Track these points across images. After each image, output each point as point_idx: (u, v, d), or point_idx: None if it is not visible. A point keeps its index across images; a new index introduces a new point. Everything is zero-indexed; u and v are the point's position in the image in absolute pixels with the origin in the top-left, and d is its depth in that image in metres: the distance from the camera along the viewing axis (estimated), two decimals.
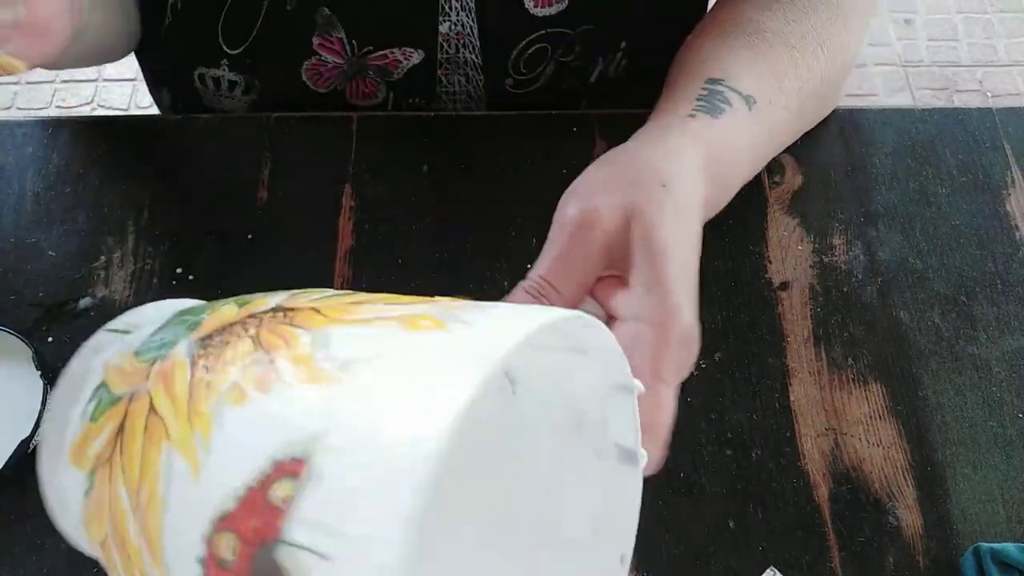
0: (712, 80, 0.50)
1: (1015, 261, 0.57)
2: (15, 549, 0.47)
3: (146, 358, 0.31)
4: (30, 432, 0.48)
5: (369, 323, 0.28)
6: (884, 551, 0.48)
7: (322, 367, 0.26)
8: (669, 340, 0.38)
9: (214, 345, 0.29)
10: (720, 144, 0.47)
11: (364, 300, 0.31)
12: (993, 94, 1.78)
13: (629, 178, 0.42)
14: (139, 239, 0.56)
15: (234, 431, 0.27)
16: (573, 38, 0.64)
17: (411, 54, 0.63)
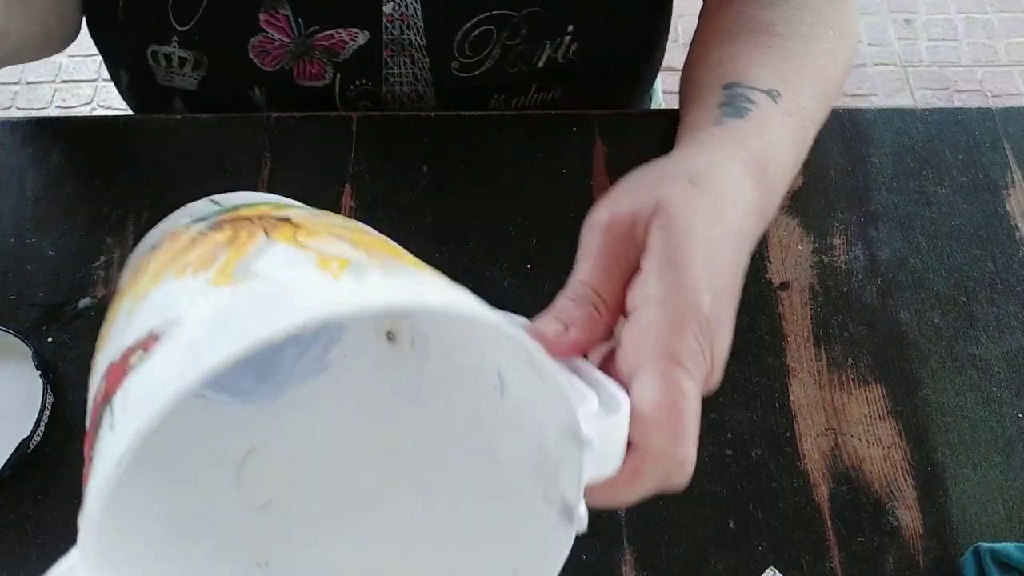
0: (728, 85, 0.49)
1: (1015, 261, 0.57)
2: (15, 549, 0.47)
3: (184, 223, 0.34)
4: (30, 432, 0.48)
5: (301, 247, 0.29)
6: (884, 551, 0.48)
7: (232, 270, 0.28)
8: (684, 322, 0.33)
9: (213, 228, 0.32)
10: (756, 142, 0.45)
11: (340, 231, 0.31)
12: (993, 94, 1.78)
13: (656, 178, 0.40)
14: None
15: (157, 297, 0.29)
16: (518, 20, 0.63)
17: (356, 35, 0.63)
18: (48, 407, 0.49)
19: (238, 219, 0.32)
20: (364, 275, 0.27)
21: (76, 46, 0.67)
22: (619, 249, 0.37)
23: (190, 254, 0.30)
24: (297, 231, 0.30)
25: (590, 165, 0.59)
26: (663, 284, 0.35)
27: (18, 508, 0.48)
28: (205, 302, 0.26)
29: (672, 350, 0.33)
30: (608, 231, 0.38)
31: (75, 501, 0.48)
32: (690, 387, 0.33)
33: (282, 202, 0.35)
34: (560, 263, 0.56)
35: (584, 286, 0.36)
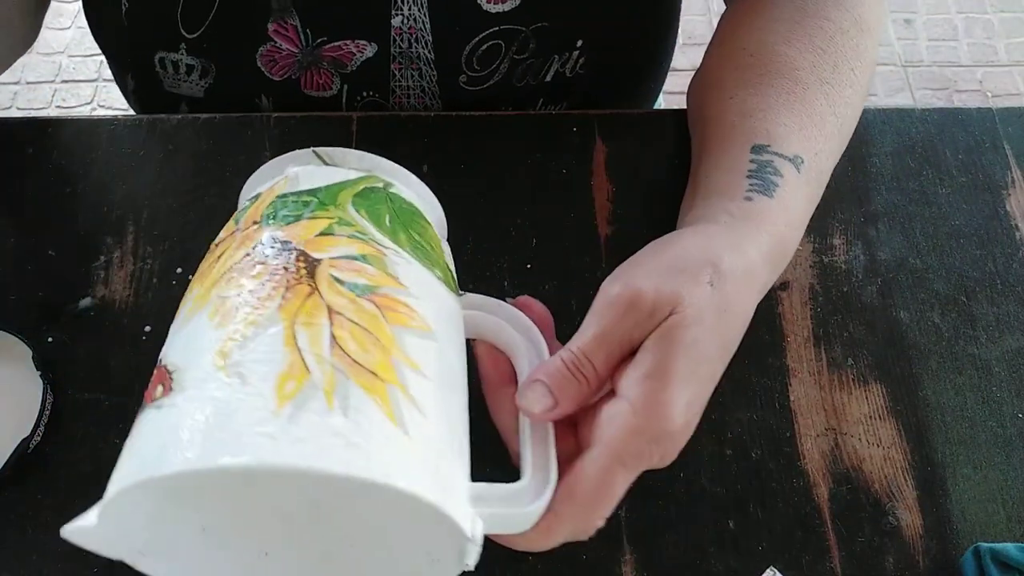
0: (757, 148, 0.49)
1: (1015, 261, 0.57)
2: (15, 549, 0.47)
3: (264, 212, 0.39)
4: (30, 432, 0.48)
5: (292, 344, 0.33)
6: (884, 551, 0.48)
7: (228, 361, 0.33)
8: (644, 430, 0.38)
9: (264, 255, 0.36)
10: (781, 224, 0.46)
11: (353, 315, 0.35)
12: (993, 94, 1.78)
13: (679, 267, 0.42)
14: (139, 239, 0.56)
15: (196, 326, 0.35)
16: (527, 35, 0.63)
17: (364, 47, 0.63)
18: (48, 407, 0.49)
19: (285, 247, 0.36)
20: (301, 411, 0.31)
21: (76, 46, 0.67)
22: (627, 331, 0.40)
23: (229, 287, 0.35)
24: (308, 301, 0.34)
25: (590, 165, 0.59)
26: (643, 392, 0.38)
27: (18, 508, 0.48)
28: (200, 385, 0.32)
29: (621, 450, 0.38)
30: (621, 307, 0.40)
31: (75, 501, 0.48)
32: (621, 484, 0.38)
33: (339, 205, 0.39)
34: (560, 263, 0.56)
35: (585, 358, 0.39)
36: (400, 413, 0.32)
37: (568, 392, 0.39)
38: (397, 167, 0.43)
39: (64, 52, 1.82)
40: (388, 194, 0.41)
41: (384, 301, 0.35)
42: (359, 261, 0.36)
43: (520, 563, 0.47)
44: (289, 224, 0.37)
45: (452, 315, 0.39)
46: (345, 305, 0.34)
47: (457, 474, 0.35)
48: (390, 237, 0.38)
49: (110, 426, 0.50)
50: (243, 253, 0.37)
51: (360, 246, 0.37)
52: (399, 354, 0.34)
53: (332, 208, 0.38)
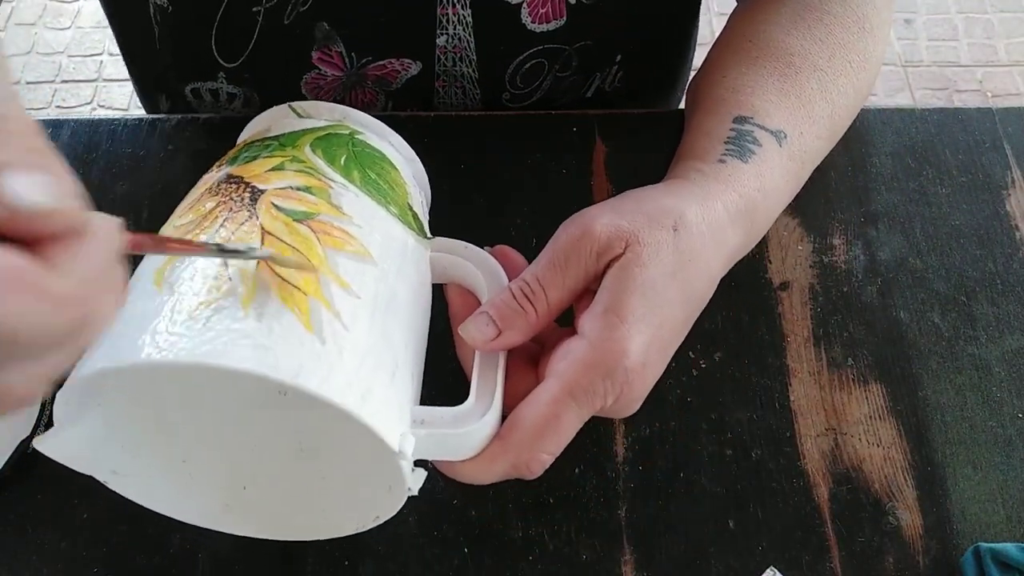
0: (740, 118, 0.49)
1: (1015, 261, 0.57)
2: (15, 549, 0.47)
3: (229, 157, 0.42)
4: (30, 432, 0.48)
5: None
6: (884, 551, 0.48)
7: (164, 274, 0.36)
8: (598, 364, 0.38)
9: (216, 190, 0.39)
10: (753, 188, 0.47)
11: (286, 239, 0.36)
12: (993, 94, 1.78)
13: (642, 210, 0.42)
14: None
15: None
16: (570, 54, 0.64)
17: (409, 65, 0.63)
18: (48, 407, 0.49)
19: (237, 183, 0.39)
20: (216, 318, 0.33)
21: (76, 46, 0.67)
22: (579, 263, 0.40)
23: (183, 216, 0.39)
24: (242, 227, 0.36)
25: (590, 165, 0.59)
26: (598, 327, 0.39)
27: (18, 508, 0.48)
28: (137, 299, 0.35)
29: (573, 384, 0.38)
30: (578, 240, 0.41)
31: (75, 501, 0.48)
32: (570, 418, 0.38)
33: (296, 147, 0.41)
34: None
35: (533, 286, 0.40)
36: (319, 323, 0.34)
37: (514, 322, 0.39)
38: (372, 119, 0.44)
39: (64, 52, 1.82)
40: (352, 139, 0.43)
41: (320, 226, 0.37)
42: (302, 192, 0.38)
43: (520, 562, 0.47)
44: (246, 163, 0.40)
45: (405, 249, 0.40)
46: (279, 228, 0.36)
47: (388, 391, 0.35)
48: (342, 174, 0.40)
49: None
50: (202, 190, 0.40)
51: (306, 179, 0.39)
52: (328, 272, 0.35)
53: (289, 149, 0.41)
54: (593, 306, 0.40)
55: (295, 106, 0.44)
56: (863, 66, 0.54)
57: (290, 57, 0.61)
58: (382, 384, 0.35)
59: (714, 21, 1.71)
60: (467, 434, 0.37)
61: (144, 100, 0.76)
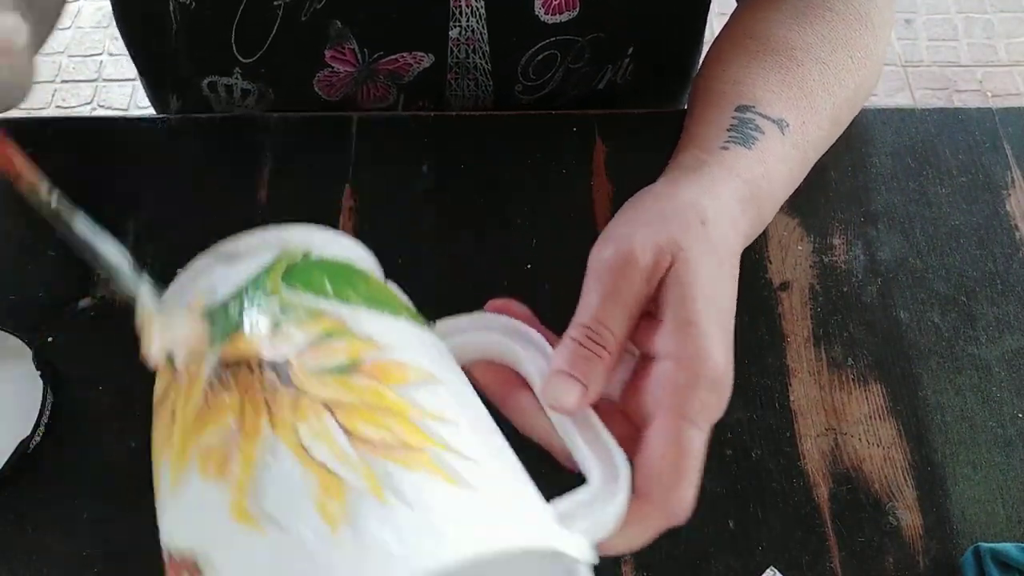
0: (742, 107, 0.49)
1: (1015, 261, 0.57)
2: (15, 549, 0.47)
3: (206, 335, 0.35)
4: (30, 432, 0.48)
5: (304, 458, 0.29)
6: (884, 551, 0.48)
7: (247, 503, 0.29)
8: (698, 380, 0.37)
9: (223, 381, 0.32)
10: (757, 174, 0.46)
11: (351, 400, 0.31)
12: (993, 94, 1.78)
13: (666, 214, 0.41)
14: (139, 239, 0.56)
15: (190, 493, 0.30)
16: (582, 45, 0.64)
17: (421, 58, 0.63)
18: (48, 407, 0.49)
19: (241, 366, 0.32)
20: (359, 528, 0.28)
21: (76, 46, 0.67)
22: (633, 289, 0.39)
23: (206, 430, 0.31)
24: (297, 409, 0.30)
25: (590, 165, 0.59)
26: (681, 342, 0.37)
27: (18, 508, 0.48)
28: (232, 549, 0.28)
29: (685, 408, 0.36)
30: (618, 267, 0.39)
31: (75, 501, 0.48)
32: (698, 443, 0.36)
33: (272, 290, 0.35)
34: (560, 263, 0.56)
35: (598, 328, 0.38)
36: (455, 472, 0.29)
37: (593, 371, 0.37)
38: (307, 228, 0.38)
39: (64, 52, 1.81)
40: (311, 261, 0.37)
41: (373, 369, 0.32)
42: (324, 341, 0.33)
43: None
44: (230, 338, 0.33)
45: (439, 350, 0.37)
46: (338, 391, 0.31)
47: (536, 502, 0.32)
48: (340, 300, 0.35)
49: (110, 426, 0.50)
50: (199, 393, 0.32)
51: (316, 325, 0.33)
52: (418, 414, 0.31)
53: (264, 300, 0.34)
54: (664, 325, 0.38)
55: (222, 252, 0.37)
56: (864, 62, 0.54)
57: (305, 54, 0.62)
58: (530, 498, 0.32)
59: (714, 21, 1.71)
60: (615, 511, 0.34)
61: (154, 98, 0.75)
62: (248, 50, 0.62)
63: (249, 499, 0.28)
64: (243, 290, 0.35)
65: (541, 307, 0.54)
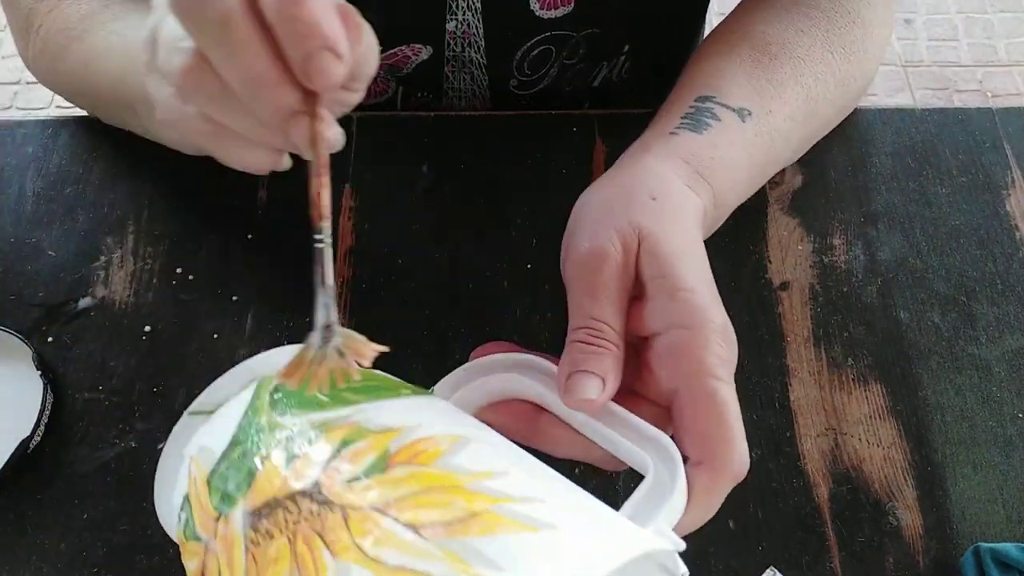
0: (702, 97, 0.50)
1: (1015, 261, 0.57)
2: (15, 549, 0.47)
3: (215, 504, 0.32)
4: (30, 432, 0.48)
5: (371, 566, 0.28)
6: (884, 551, 0.48)
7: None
8: (709, 338, 0.37)
9: (261, 531, 0.30)
10: (704, 156, 0.47)
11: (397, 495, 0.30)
12: (993, 94, 1.78)
13: (618, 201, 0.43)
14: (139, 239, 0.56)
15: None
16: (578, 41, 0.64)
17: (419, 49, 0.63)
18: (48, 407, 0.49)
19: (275, 509, 0.30)
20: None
21: None
22: (620, 282, 0.40)
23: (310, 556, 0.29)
24: (350, 528, 0.29)
25: (590, 165, 0.59)
26: (677, 309, 0.38)
27: (18, 508, 0.48)
28: None
29: (706, 366, 0.37)
30: (596, 262, 0.40)
31: (75, 501, 0.48)
32: (728, 394, 0.37)
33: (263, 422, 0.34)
34: (560, 263, 0.56)
35: (597, 323, 0.39)
36: (531, 519, 0.29)
37: (604, 364, 0.38)
38: (266, 354, 0.37)
39: None
40: None
41: (404, 455, 0.31)
42: (345, 448, 0.31)
43: None
44: (251, 486, 0.32)
45: (451, 410, 0.37)
46: (382, 492, 0.30)
47: (611, 515, 0.32)
48: (340, 405, 0.34)
49: (110, 426, 0.50)
50: (240, 555, 0.31)
51: (330, 438, 0.32)
52: (468, 478, 0.30)
53: (266, 435, 0.33)
54: (653, 300, 0.39)
55: (199, 409, 0.36)
56: (847, 58, 0.54)
57: None
58: (603, 512, 0.32)
59: (715, 21, 1.71)
60: (680, 488, 0.34)
61: None
62: None
63: None
64: (238, 437, 0.33)
65: (541, 307, 0.54)
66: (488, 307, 0.54)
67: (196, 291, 0.55)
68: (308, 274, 0.56)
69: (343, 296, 0.54)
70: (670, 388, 0.38)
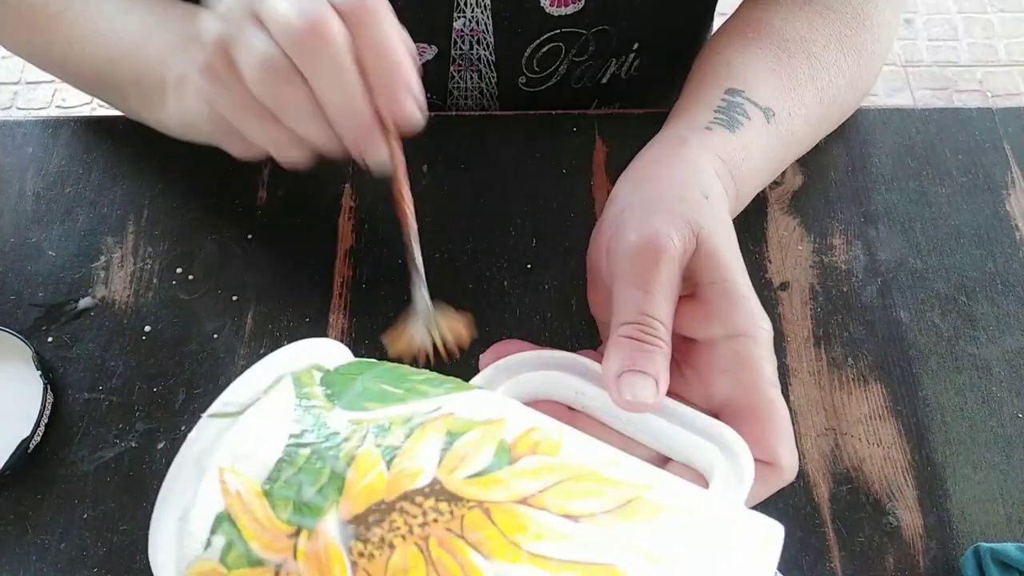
0: (731, 91, 0.50)
1: (1015, 261, 0.57)
2: (15, 549, 0.47)
3: (285, 517, 0.27)
4: (30, 432, 0.48)
5: (546, 564, 0.25)
6: (884, 551, 0.48)
7: None
8: (763, 346, 0.38)
9: (373, 541, 0.26)
10: (738, 158, 0.47)
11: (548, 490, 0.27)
12: (993, 94, 1.78)
13: (676, 195, 0.42)
14: (139, 239, 0.56)
15: None
16: (587, 38, 0.64)
17: (424, 49, 0.63)
18: (48, 407, 0.49)
19: (385, 515, 0.27)
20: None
21: None
22: (675, 278, 0.39)
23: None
24: (495, 521, 0.26)
25: (590, 165, 0.59)
26: (737, 315, 0.38)
27: (18, 508, 0.48)
28: None
29: (766, 375, 0.38)
30: (647, 254, 0.39)
31: (75, 501, 0.48)
32: (783, 402, 0.38)
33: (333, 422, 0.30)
34: (560, 263, 0.56)
35: (650, 319, 0.38)
36: (672, 503, 0.29)
37: (657, 362, 0.37)
38: (289, 350, 0.33)
39: None
40: (348, 373, 0.33)
41: (524, 446, 0.29)
42: (456, 441, 0.28)
43: None
44: (344, 486, 0.27)
45: (517, 403, 0.34)
46: (520, 484, 0.27)
47: (715, 499, 0.33)
48: (419, 396, 0.31)
49: (110, 426, 0.50)
50: (343, 566, 0.26)
51: (430, 429, 0.29)
52: (599, 466, 0.29)
53: (343, 433, 0.29)
54: (710, 304, 0.39)
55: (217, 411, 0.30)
56: (858, 61, 0.55)
57: None
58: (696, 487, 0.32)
59: (717, 20, 1.71)
60: (749, 484, 0.35)
61: None
62: None
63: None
64: (303, 436, 0.29)
65: (541, 307, 0.54)
66: (488, 307, 0.54)
67: (196, 291, 0.55)
68: (307, 274, 0.56)
69: (343, 296, 0.54)
70: (724, 394, 0.38)
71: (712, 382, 0.39)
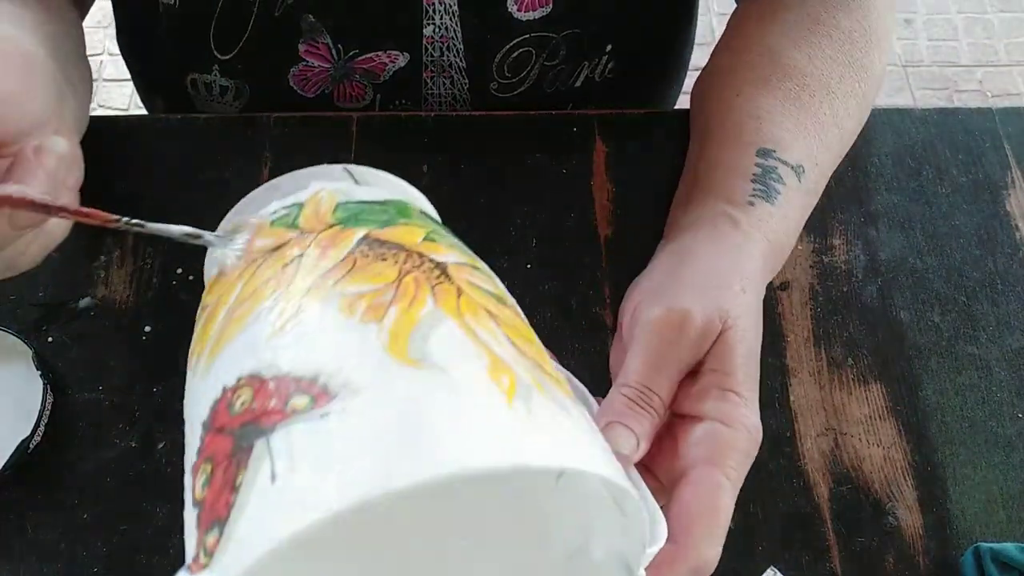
0: (763, 151, 0.49)
1: (1015, 261, 0.57)
2: (15, 549, 0.47)
3: (336, 218, 0.35)
4: (30, 432, 0.48)
5: (469, 332, 0.30)
6: (884, 551, 0.48)
7: (407, 343, 0.29)
8: (739, 444, 0.39)
9: (374, 254, 0.33)
10: (780, 232, 0.48)
11: (503, 317, 0.33)
12: (993, 94, 1.78)
13: (714, 282, 0.43)
14: (139, 239, 0.56)
15: (316, 319, 0.30)
16: (558, 42, 0.64)
17: (396, 57, 0.63)
18: (48, 407, 0.49)
19: (399, 248, 0.33)
20: (531, 407, 0.28)
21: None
22: (680, 354, 0.40)
23: (352, 282, 0.31)
24: (460, 300, 0.32)
25: (590, 165, 0.59)
26: (725, 407, 0.39)
27: (18, 508, 0.48)
28: (386, 379, 0.28)
29: (726, 462, 0.38)
30: (667, 329, 0.40)
31: (75, 501, 0.48)
32: (730, 500, 0.38)
33: (416, 218, 0.37)
34: (560, 263, 0.56)
35: (648, 390, 0.39)
36: (576, 405, 0.32)
37: (643, 426, 0.38)
38: (411, 192, 0.41)
39: None
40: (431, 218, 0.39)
41: (508, 312, 0.34)
42: (472, 265, 0.34)
43: None
44: (384, 228, 0.34)
45: None
46: (494, 307, 0.32)
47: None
48: (464, 252, 0.36)
49: (110, 426, 0.50)
50: (343, 252, 0.33)
51: (463, 255, 0.35)
52: (540, 347, 0.34)
53: (415, 219, 0.36)
54: (706, 391, 0.40)
55: (351, 170, 0.39)
56: (867, 81, 0.54)
57: (279, 49, 0.62)
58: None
59: (714, 21, 1.71)
60: (653, 551, 0.35)
61: (146, 99, 0.76)
62: (225, 47, 0.63)
63: (410, 345, 0.29)
64: (387, 203, 0.36)
65: (541, 307, 0.54)
66: None
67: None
68: None
69: None
70: (683, 467, 0.39)
71: (680, 453, 0.40)
